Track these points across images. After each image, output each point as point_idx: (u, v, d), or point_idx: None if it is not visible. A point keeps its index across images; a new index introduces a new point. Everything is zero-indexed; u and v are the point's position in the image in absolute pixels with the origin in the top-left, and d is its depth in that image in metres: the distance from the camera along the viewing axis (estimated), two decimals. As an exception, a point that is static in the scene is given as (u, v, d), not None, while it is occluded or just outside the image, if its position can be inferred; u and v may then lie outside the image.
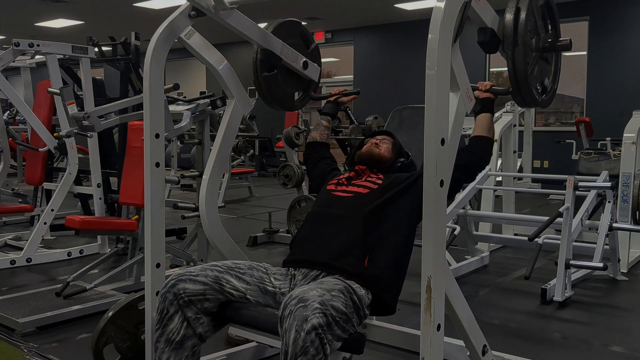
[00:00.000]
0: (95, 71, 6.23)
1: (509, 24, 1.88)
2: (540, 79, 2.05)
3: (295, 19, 2.60)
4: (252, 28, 2.32)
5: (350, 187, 2.17)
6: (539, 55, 1.99)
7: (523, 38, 1.87)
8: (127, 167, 3.62)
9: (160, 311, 1.85)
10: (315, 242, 2.03)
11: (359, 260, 1.91)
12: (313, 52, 2.65)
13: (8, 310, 3.05)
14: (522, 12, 1.88)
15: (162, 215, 2.11)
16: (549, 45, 2.03)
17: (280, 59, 2.42)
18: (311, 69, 2.58)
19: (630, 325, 3.21)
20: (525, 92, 1.96)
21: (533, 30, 1.95)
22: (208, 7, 2.13)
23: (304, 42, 2.61)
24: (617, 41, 9.16)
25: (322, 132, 2.54)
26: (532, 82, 1.96)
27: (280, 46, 2.42)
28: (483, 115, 2.22)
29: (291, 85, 2.56)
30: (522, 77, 1.91)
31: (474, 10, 1.82)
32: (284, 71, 2.49)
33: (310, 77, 2.59)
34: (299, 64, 2.51)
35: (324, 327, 1.57)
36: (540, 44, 1.98)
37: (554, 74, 2.15)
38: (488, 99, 2.22)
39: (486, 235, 4.54)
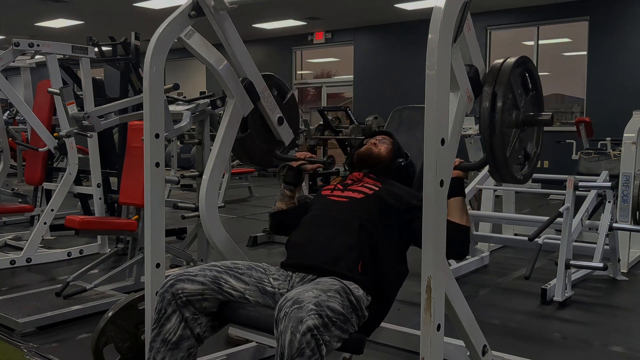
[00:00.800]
0: (95, 71, 6.23)
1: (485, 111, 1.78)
2: (522, 149, 1.94)
3: (270, 73, 2.51)
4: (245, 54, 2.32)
5: (346, 192, 2.16)
6: (520, 130, 1.89)
7: (500, 123, 1.77)
8: (127, 167, 3.62)
9: (158, 311, 1.85)
10: (311, 246, 2.03)
11: (353, 265, 1.91)
12: (289, 103, 2.57)
13: (8, 310, 3.05)
14: (499, 99, 1.78)
15: (162, 215, 2.11)
16: (530, 119, 1.91)
17: (259, 97, 2.36)
18: (284, 129, 2.50)
19: (630, 325, 3.21)
20: (504, 173, 1.85)
21: (512, 105, 1.85)
22: (208, 6, 2.13)
23: (280, 94, 2.55)
24: (617, 41, 9.16)
25: (287, 202, 2.39)
26: (513, 158, 1.87)
27: (262, 86, 2.38)
28: (455, 200, 1.97)
29: (264, 140, 2.48)
30: (500, 160, 1.81)
31: (463, 37, 1.80)
32: (257, 124, 2.43)
33: (282, 138, 2.51)
34: (275, 117, 2.45)
35: (320, 329, 1.56)
36: (520, 118, 1.87)
37: (537, 138, 2.03)
38: (457, 179, 2.02)
39: (486, 235, 4.54)
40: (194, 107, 3.47)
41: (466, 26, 1.76)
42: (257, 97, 2.37)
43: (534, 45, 10.07)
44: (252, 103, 2.35)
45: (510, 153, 1.86)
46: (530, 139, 2.00)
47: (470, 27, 1.82)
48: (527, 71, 1.95)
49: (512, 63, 1.86)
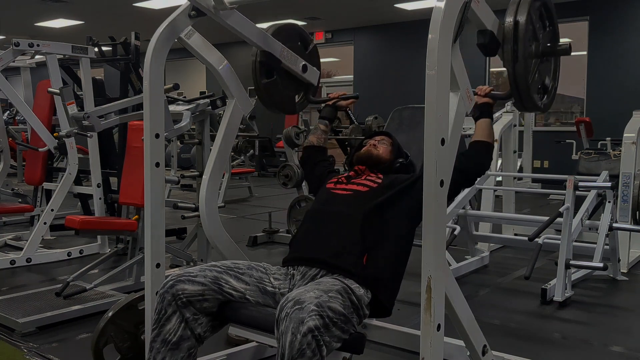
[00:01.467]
0: (95, 71, 6.23)
1: (509, 35, 1.88)
2: (541, 81, 2.05)
3: (292, 22, 2.60)
4: (252, 29, 2.32)
5: (349, 186, 2.17)
6: (539, 60, 1.99)
7: (523, 49, 1.87)
8: (127, 167, 3.62)
9: (158, 311, 1.85)
10: (314, 239, 2.03)
11: (358, 259, 1.91)
12: (311, 52, 2.64)
13: (8, 310, 3.05)
14: (521, 19, 1.88)
15: (162, 215, 2.11)
16: (549, 50, 2.03)
17: (279, 61, 2.42)
18: (310, 72, 2.57)
19: (630, 325, 3.21)
20: (527, 100, 1.96)
21: (532, 37, 1.94)
22: (208, 7, 2.13)
23: (302, 44, 2.61)
24: (617, 41, 9.16)
25: (319, 136, 2.53)
26: (533, 88, 1.97)
27: (279, 49, 2.42)
28: (482, 121, 2.20)
29: (291, 89, 2.56)
30: (523, 87, 1.91)
31: (473, 12, 1.82)
32: (283, 75, 2.49)
33: (310, 80, 2.58)
34: (299, 67, 2.51)
35: (321, 329, 1.56)
36: (540, 49, 1.98)
37: (554, 72, 2.15)
38: (486, 104, 2.21)
39: (486, 235, 4.53)
40: (194, 107, 3.47)
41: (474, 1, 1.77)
42: (279, 62, 2.42)
43: (534, 45, 10.06)
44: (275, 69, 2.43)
45: (532, 84, 1.94)
46: (547, 72, 2.09)
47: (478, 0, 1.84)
48: (544, 6, 2.02)
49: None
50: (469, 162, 2.12)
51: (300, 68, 2.52)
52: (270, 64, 2.40)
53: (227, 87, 2.32)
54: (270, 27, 2.48)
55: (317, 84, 2.64)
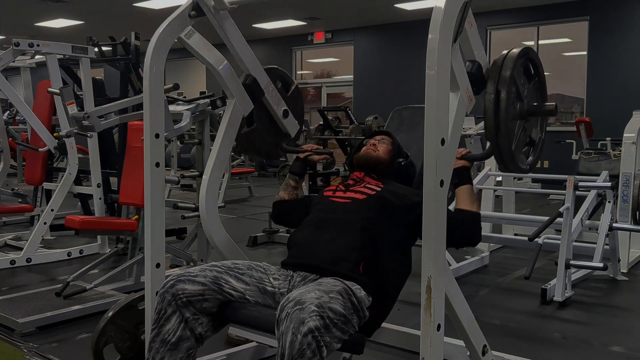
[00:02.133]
0: (95, 71, 6.24)
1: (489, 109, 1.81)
2: (527, 137, 1.96)
3: (273, 66, 2.54)
4: (246, 50, 2.33)
5: (348, 193, 2.17)
6: (524, 120, 1.91)
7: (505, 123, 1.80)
8: (127, 167, 3.62)
9: (158, 311, 1.85)
10: (313, 246, 2.02)
11: (355, 266, 1.91)
12: (293, 94, 2.59)
13: (8, 310, 3.05)
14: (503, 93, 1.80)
15: (162, 215, 2.11)
16: (534, 110, 1.94)
17: (263, 93, 2.38)
18: (290, 121, 2.52)
19: (630, 325, 3.21)
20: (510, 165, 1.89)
21: (515, 98, 1.87)
22: (208, 7, 2.13)
23: (284, 86, 2.57)
24: (617, 41, 9.16)
25: (290, 192, 2.43)
26: (518, 151, 1.89)
27: (266, 81, 2.39)
28: (463, 188, 2.05)
29: (270, 134, 2.51)
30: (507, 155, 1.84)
31: (465, 33, 1.80)
32: (263, 122, 2.45)
33: (287, 130, 2.53)
34: (280, 110, 2.47)
35: (321, 330, 1.56)
36: (524, 108, 1.89)
37: (541, 125, 2.05)
38: (463, 168, 2.07)
39: (486, 235, 4.52)
40: (194, 107, 3.47)
41: (467, 23, 1.76)
42: (262, 93, 2.38)
43: (534, 45, 10.06)
44: (257, 99, 2.37)
45: (516, 145, 1.89)
46: (534, 126, 2.02)
47: (472, 24, 1.83)
48: (529, 60, 1.97)
49: (514, 55, 1.88)
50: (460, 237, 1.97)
51: (281, 112, 2.47)
52: (253, 91, 2.34)
53: (227, 87, 2.32)
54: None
55: (295, 137, 2.56)
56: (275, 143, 2.55)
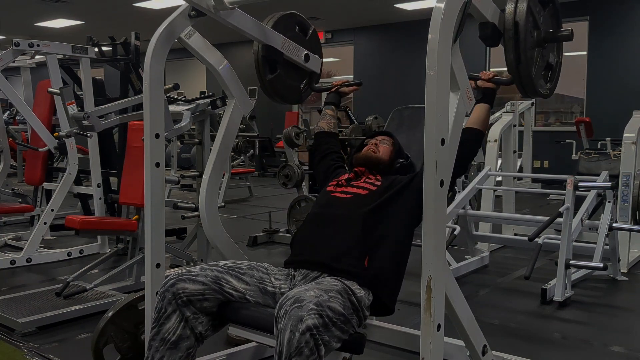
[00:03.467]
0: (95, 71, 6.23)
1: (510, 21, 1.87)
2: (545, 63, 2.04)
3: (290, 12, 2.59)
4: (252, 25, 2.32)
5: (349, 189, 2.17)
6: (542, 47, 1.98)
7: (524, 35, 1.86)
8: (127, 167, 3.62)
9: (158, 310, 1.85)
10: (315, 242, 2.03)
11: (359, 261, 1.91)
12: (311, 38, 2.65)
13: (8, 310, 3.05)
14: (522, 5, 1.87)
15: (162, 215, 2.11)
16: (551, 36, 2.02)
17: (282, 54, 2.43)
18: (312, 61, 2.59)
19: (630, 325, 3.21)
20: (530, 90, 1.96)
21: (533, 26, 1.93)
22: (208, 7, 2.13)
23: (301, 31, 2.62)
24: (617, 41, 9.16)
25: (328, 121, 2.56)
26: (537, 75, 1.96)
27: (281, 41, 2.42)
28: (481, 105, 2.15)
29: (295, 79, 2.59)
30: (527, 79, 1.90)
31: (474, 6, 1.81)
32: (286, 68, 2.50)
33: (312, 69, 2.60)
34: (301, 57, 2.53)
35: (320, 328, 1.56)
36: (541, 36, 1.97)
37: (557, 48, 2.13)
38: (490, 89, 2.17)
39: (486, 235, 4.54)
40: (194, 107, 3.47)
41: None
42: (280, 54, 2.43)
43: (534, 45, 10.05)
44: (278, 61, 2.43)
45: (536, 71, 1.94)
46: (551, 51, 2.08)
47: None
48: None
49: None
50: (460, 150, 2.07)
51: (302, 58, 2.53)
52: (272, 58, 2.40)
53: (227, 87, 2.32)
54: (268, 19, 2.48)
55: (319, 71, 2.66)
56: (298, 87, 2.61)
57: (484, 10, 1.88)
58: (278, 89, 2.49)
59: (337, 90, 2.62)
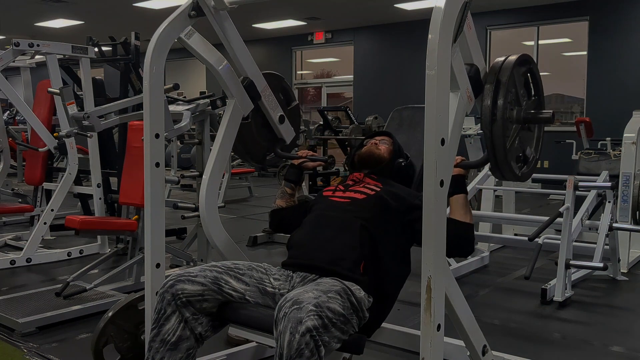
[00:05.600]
0: (95, 71, 6.23)
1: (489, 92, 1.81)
2: (522, 150, 1.96)
3: (278, 74, 2.52)
4: (245, 52, 2.32)
5: (347, 193, 2.16)
6: (520, 127, 1.91)
7: (502, 110, 1.80)
8: (127, 167, 3.62)
9: (158, 311, 1.85)
10: (312, 246, 2.02)
11: (355, 266, 1.90)
12: (292, 110, 2.57)
13: (8, 310, 3.05)
14: (503, 78, 1.81)
15: (162, 215, 2.11)
16: (531, 117, 1.93)
17: (259, 96, 2.36)
18: (286, 127, 2.50)
19: (630, 325, 3.21)
20: (503, 166, 1.87)
21: (514, 100, 1.87)
22: (208, 6, 2.13)
23: (285, 99, 2.55)
24: (617, 41, 9.16)
25: (287, 200, 2.41)
26: (511, 155, 1.88)
27: (263, 85, 2.38)
28: (457, 197, 2.01)
29: (264, 138, 2.48)
30: (500, 152, 1.83)
31: (464, 36, 1.80)
32: (258, 120, 2.43)
33: (283, 136, 2.50)
34: (276, 115, 2.45)
35: (319, 330, 1.56)
36: (521, 115, 1.89)
37: (536, 142, 2.04)
38: (459, 176, 2.05)
39: (486, 235, 4.53)
40: (194, 107, 3.48)
41: (467, 25, 1.76)
42: (258, 96, 2.37)
43: (534, 45, 10.07)
44: (253, 102, 2.35)
45: (510, 150, 1.87)
46: (530, 143, 2.01)
47: (470, 26, 1.82)
48: (529, 72, 1.96)
49: (513, 61, 1.88)
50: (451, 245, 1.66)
51: (277, 117, 2.45)
52: (250, 94, 2.32)
53: (227, 87, 2.32)
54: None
55: (290, 145, 2.54)
56: (268, 148, 2.51)
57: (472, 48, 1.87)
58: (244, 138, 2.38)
59: (300, 164, 2.44)
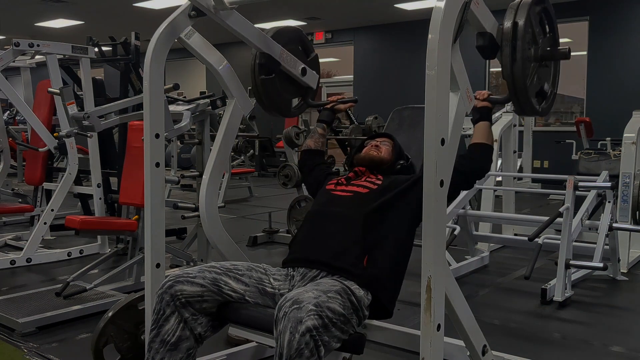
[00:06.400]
0: (95, 71, 6.23)
1: (507, 36, 1.87)
2: (540, 86, 2.03)
3: (296, 27, 2.59)
4: (252, 30, 2.31)
5: (349, 187, 2.17)
6: (538, 64, 1.97)
7: (522, 50, 1.86)
8: (127, 167, 3.62)
9: (157, 312, 1.84)
10: (314, 241, 2.02)
11: (358, 260, 1.90)
12: (312, 61, 2.63)
13: (8, 310, 3.05)
14: (520, 21, 1.87)
15: (162, 215, 2.11)
16: (548, 54, 2.01)
17: (279, 63, 2.41)
18: (309, 75, 2.57)
19: (630, 325, 3.21)
20: (525, 103, 1.94)
21: (531, 39, 1.93)
22: (208, 7, 2.13)
23: (304, 50, 2.60)
24: (617, 41, 9.16)
25: (317, 139, 2.52)
26: (532, 91, 1.95)
27: (279, 51, 2.41)
28: (482, 124, 2.19)
29: (289, 91, 2.55)
30: (521, 90, 1.90)
31: (473, 13, 1.81)
32: (282, 76, 2.48)
33: (309, 84, 2.58)
34: (298, 70, 2.50)
35: (319, 329, 1.56)
36: (539, 52, 1.96)
37: (553, 77, 2.12)
38: (486, 108, 2.20)
39: (486, 235, 4.53)
40: (194, 107, 3.48)
41: (474, 3, 1.77)
42: (278, 64, 2.41)
43: (534, 45, 10.06)
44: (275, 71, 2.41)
45: (530, 87, 1.92)
46: (547, 77, 2.06)
47: (478, 2, 1.84)
48: (543, 11, 2.00)
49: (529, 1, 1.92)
50: (470, 165, 2.12)
51: (299, 71, 2.51)
52: (269, 66, 2.38)
53: (227, 87, 2.32)
54: (271, 29, 2.47)
55: (316, 87, 2.63)
56: (290, 101, 2.59)
57: (483, 19, 1.88)
58: (271, 95, 2.46)
59: (333, 107, 2.57)
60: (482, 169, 2.17)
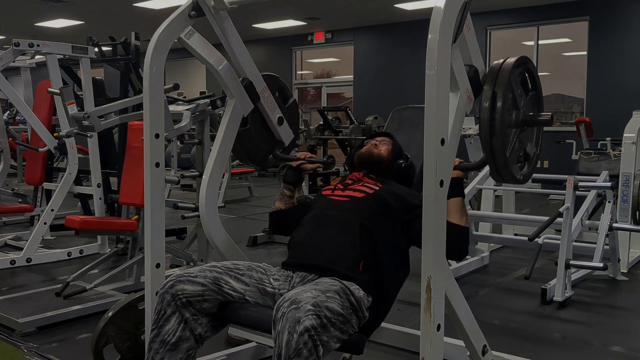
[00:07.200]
0: (95, 71, 6.23)
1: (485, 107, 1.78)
2: (522, 149, 1.94)
3: (273, 74, 2.52)
4: (244, 53, 2.32)
5: (347, 192, 2.16)
6: (519, 130, 1.89)
7: (500, 123, 1.77)
8: (127, 167, 3.62)
9: (158, 312, 1.84)
10: (311, 245, 2.02)
11: (354, 264, 1.90)
12: (290, 107, 2.56)
13: (8, 310, 3.05)
14: (499, 99, 1.78)
15: (162, 215, 2.11)
16: (530, 119, 1.91)
17: (258, 98, 2.35)
18: (284, 129, 2.49)
19: (630, 325, 3.21)
20: (505, 174, 1.85)
21: (512, 105, 1.85)
22: (208, 6, 2.13)
23: (281, 97, 2.54)
24: (617, 41, 9.16)
25: (286, 202, 2.38)
26: (512, 159, 1.86)
27: (263, 86, 2.37)
28: (454, 201, 1.97)
29: (263, 140, 2.47)
30: (501, 161, 1.81)
31: (464, 37, 1.80)
32: (257, 123, 2.42)
33: (282, 138, 2.50)
34: (275, 116, 2.44)
35: (318, 329, 1.56)
36: (520, 118, 1.87)
37: (536, 139, 2.03)
38: (457, 179, 2.01)
39: (486, 235, 4.53)
40: (194, 107, 3.48)
41: (466, 26, 1.76)
42: (257, 98, 2.36)
43: (534, 45, 10.07)
44: (252, 103, 2.35)
45: (510, 153, 1.86)
46: (530, 140, 1.99)
47: (470, 27, 1.82)
48: (527, 71, 1.95)
49: (512, 63, 1.86)
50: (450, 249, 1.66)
51: (276, 119, 2.44)
52: (249, 94, 2.31)
53: (227, 87, 2.32)
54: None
55: (289, 146, 2.53)
56: (268, 150, 2.51)
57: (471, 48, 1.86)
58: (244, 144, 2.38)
59: (298, 166, 2.41)
60: (461, 254, 2.02)
